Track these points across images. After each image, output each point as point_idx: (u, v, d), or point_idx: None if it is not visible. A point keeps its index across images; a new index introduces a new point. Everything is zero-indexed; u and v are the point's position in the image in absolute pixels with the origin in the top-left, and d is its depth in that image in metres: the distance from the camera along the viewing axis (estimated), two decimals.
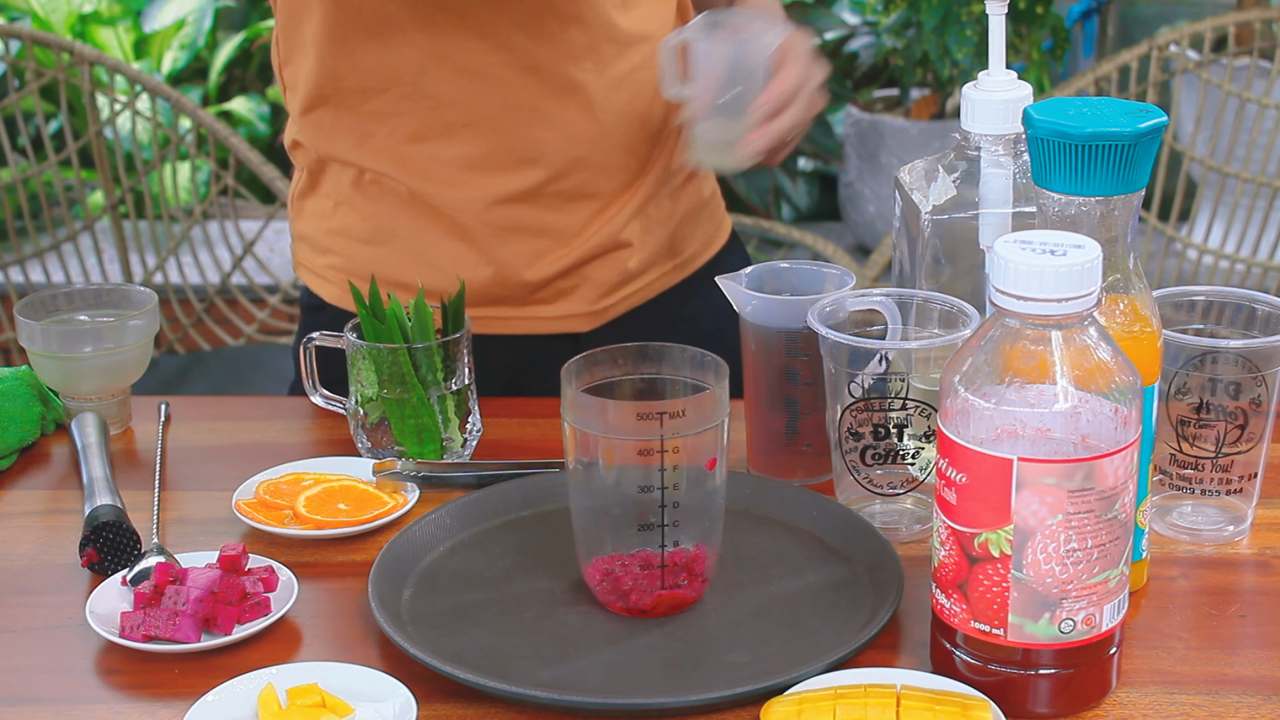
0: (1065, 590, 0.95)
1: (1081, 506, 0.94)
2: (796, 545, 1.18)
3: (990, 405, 0.94)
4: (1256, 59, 2.77)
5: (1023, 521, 0.94)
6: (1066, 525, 0.94)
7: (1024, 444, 0.93)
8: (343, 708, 0.99)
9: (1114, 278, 1.07)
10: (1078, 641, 0.97)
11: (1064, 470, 0.93)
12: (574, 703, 1.00)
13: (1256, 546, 1.18)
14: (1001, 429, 0.94)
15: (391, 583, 1.12)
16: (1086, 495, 0.94)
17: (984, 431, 0.94)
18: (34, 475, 1.35)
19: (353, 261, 1.47)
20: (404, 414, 1.28)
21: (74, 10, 4.08)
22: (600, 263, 1.47)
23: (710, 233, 1.58)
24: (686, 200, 1.53)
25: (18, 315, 1.38)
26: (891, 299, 1.22)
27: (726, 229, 1.61)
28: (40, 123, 2.87)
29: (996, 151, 1.20)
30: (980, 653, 0.98)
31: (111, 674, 1.06)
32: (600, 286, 1.48)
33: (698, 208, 1.55)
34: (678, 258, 1.53)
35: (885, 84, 3.93)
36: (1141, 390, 0.96)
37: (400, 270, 1.45)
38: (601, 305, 1.49)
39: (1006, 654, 0.98)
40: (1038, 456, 0.93)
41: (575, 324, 1.49)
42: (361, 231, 1.46)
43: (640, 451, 1.05)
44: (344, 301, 1.48)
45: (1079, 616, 0.96)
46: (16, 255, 2.94)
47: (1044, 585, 0.95)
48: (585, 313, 1.49)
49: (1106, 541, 0.95)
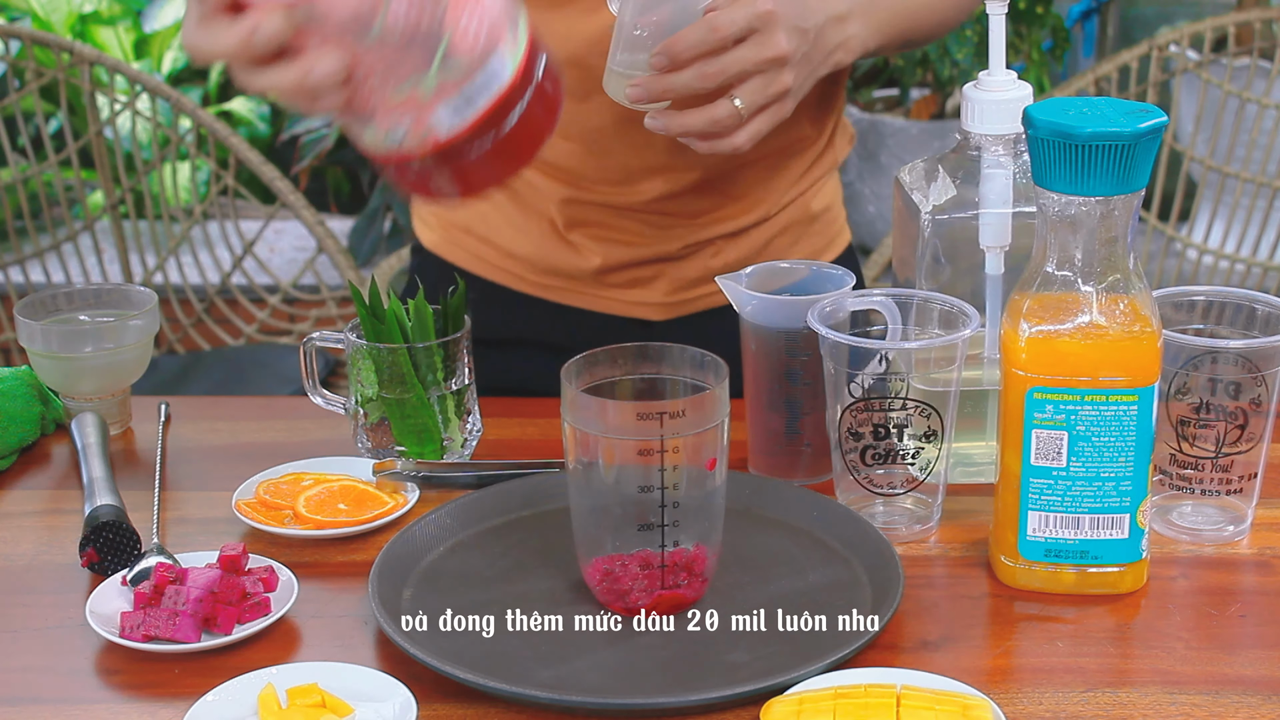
0: (370, 110, 0.89)
1: (330, 42, 0.87)
2: (796, 545, 1.18)
3: None
4: (1256, 59, 2.77)
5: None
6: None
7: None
8: (343, 708, 0.99)
9: (1114, 278, 1.07)
10: (426, 148, 0.89)
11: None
12: (574, 703, 1.00)
13: (1256, 546, 1.18)
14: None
15: (391, 583, 1.12)
16: (332, 33, 0.86)
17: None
18: (34, 475, 1.35)
19: (454, 210, 1.50)
20: (404, 414, 1.28)
21: (74, 10, 4.08)
22: (684, 262, 1.47)
23: (818, 247, 1.52)
24: (791, 213, 1.50)
25: (18, 315, 1.38)
26: (891, 299, 1.22)
27: (841, 243, 1.55)
28: (40, 123, 2.87)
29: (996, 151, 1.20)
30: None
31: (111, 674, 1.06)
32: (679, 282, 1.48)
33: (803, 221, 1.50)
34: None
35: (885, 84, 3.93)
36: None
37: (488, 227, 1.47)
38: (678, 299, 1.48)
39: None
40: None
41: (648, 312, 1.49)
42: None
43: (640, 451, 1.05)
44: (441, 248, 1.51)
45: (402, 130, 0.89)
46: (16, 255, 2.94)
47: (352, 110, 0.90)
48: (659, 303, 1.48)
49: (383, 64, 0.87)
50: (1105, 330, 1.07)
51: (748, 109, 1.21)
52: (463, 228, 1.51)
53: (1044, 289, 1.08)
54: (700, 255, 1.47)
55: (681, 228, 1.45)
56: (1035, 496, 1.10)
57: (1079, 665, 1.05)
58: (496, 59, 0.88)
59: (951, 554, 1.18)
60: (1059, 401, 1.07)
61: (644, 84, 1.20)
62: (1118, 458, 1.08)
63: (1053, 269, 1.08)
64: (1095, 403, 1.07)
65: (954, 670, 1.02)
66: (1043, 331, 1.07)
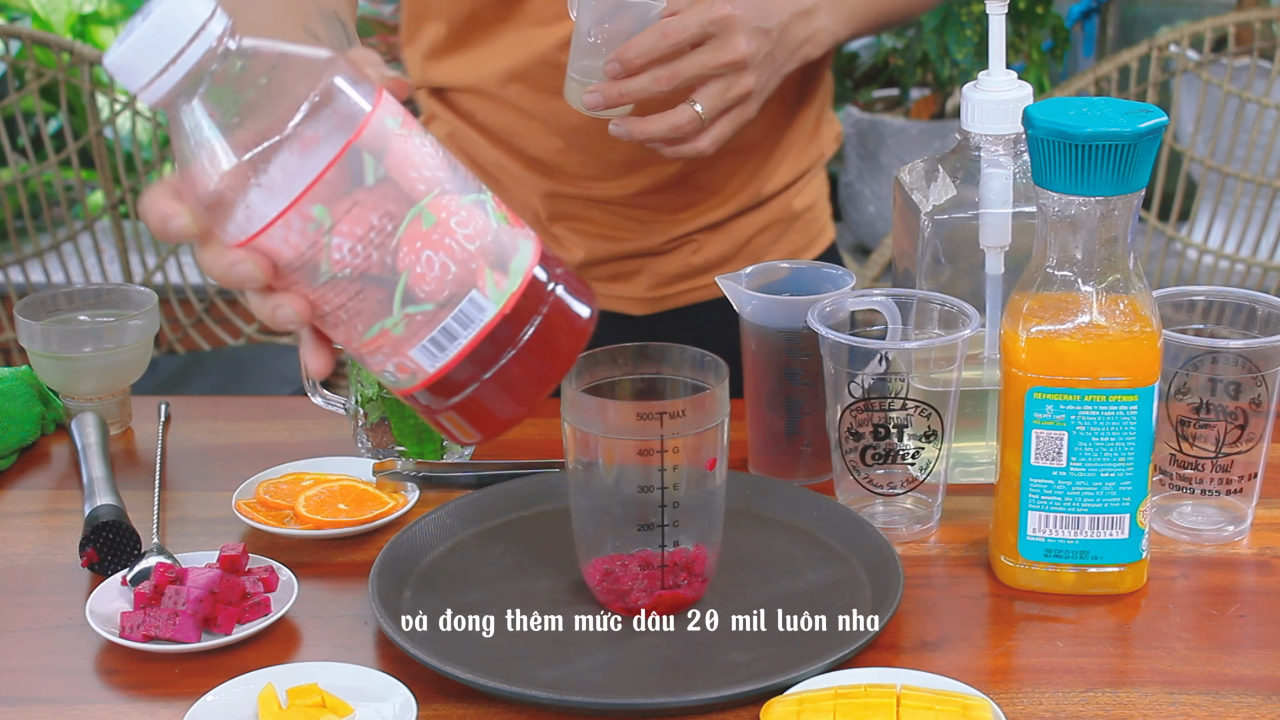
0: (356, 350, 0.88)
1: (289, 283, 0.86)
2: (796, 545, 1.18)
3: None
4: (1256, 59, 2.77)
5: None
6: (314, 309, 0.87)
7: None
8: (343, 708, 0.99)
9: (1114, 278, 1.07)
10: (416, 386, 0.88)
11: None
12: (574, 703, 1.00)
13: (1256, 546, 1.18)
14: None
15: (391, 583, 1.12)
16: (288, 275, 0.86)
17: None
18: (34, 475, 1.35)
19: None
20: (404, 414, 1.28)
21: (74, 10, 4.08)
22: (665, 257, 1.47)
23: (799, 245, 1.54)
24: (773, 211, 1.51)
25: (18, 315, 1.38)
26: (891, 299, 1.22)
27: (824, 242, 1.56)
28: (40, 123, 2.87)
29: (996, 151, 1.20)
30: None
31: (111, 674, 1.06)
32: (660, 277, 1.48)
33: (784, 219, 1.52)
34: (755, 263, 1.51)
35: (885, 84, 3.92)
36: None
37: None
38: (659, 294, 1.49)
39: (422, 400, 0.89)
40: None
41: (629, 306, 1.49)
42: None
43: (640, 451, 1.05)
44: None
45: (391, 368, 0.88)
46: (16, 255, 2.94)
47: (347, 349, 0.89)
48: (641, 298, 1.49)
49: (345, 302, 0.86)
50: (1105, 330, 1.07)
51: (709, 113, 1.23)
52: None
53: (1044, 289, 1.08)
54: (681, 250, 1.48)
55: (663, 222, 1.46)
56: (1035, 496, 1.10)
57: (1079, 665, 1.05)
58: (473, 297, 0.86)
59: (951, 554, 1.18)
60: (1059, 401, 1.07)
61: (600, 90, 1.22)
62: (1118, 458, 1.08)
63: (1053, 269, 1.08)
64: (1095, 403, 1.07)
65: (954, 670, 1.02)
66: (1043, 331, 1.07)
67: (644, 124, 1.23)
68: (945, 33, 3.33)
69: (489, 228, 0.87)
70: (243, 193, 0.84)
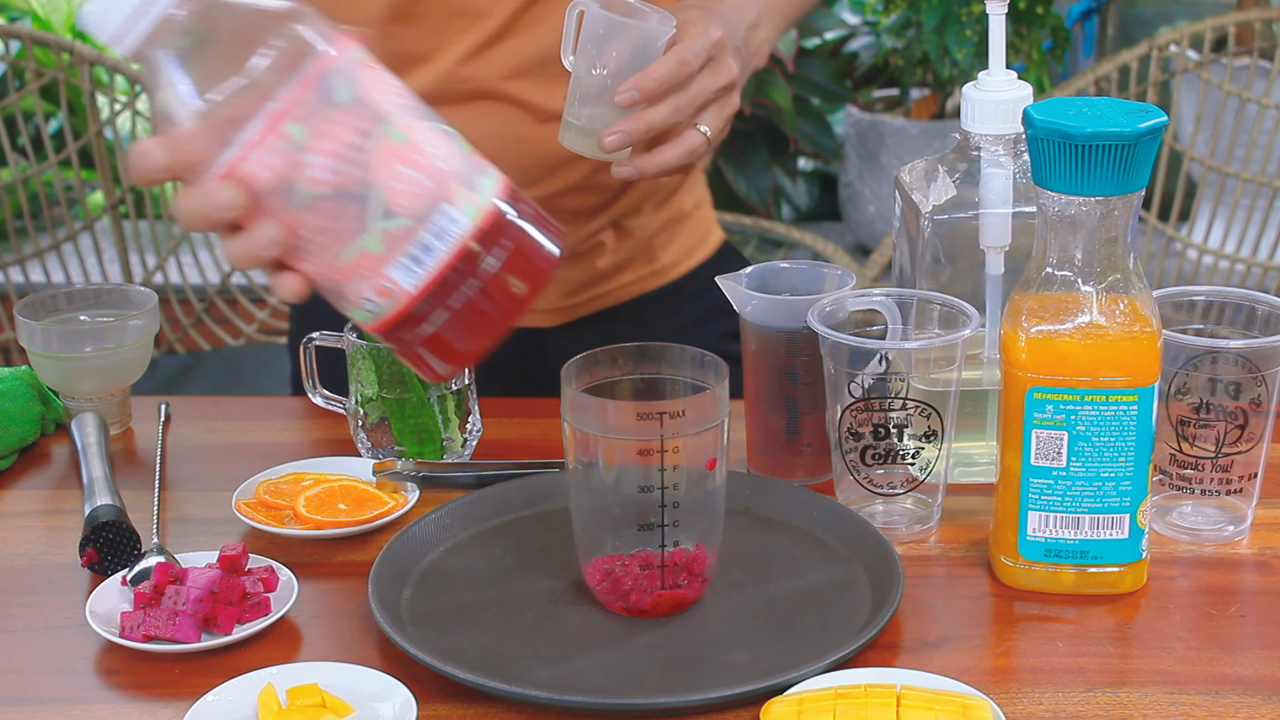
0: (335, 280, 0.90)
1: (268, 210, 0.88)
2: (796, 545, 1.18)
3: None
4: (1256, 59, 2.77)
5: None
6: (292, 236, 0.89)
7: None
8: (343, 708, 0.99)
9: (1114, 278, 1.07)
10: (397, 311, 0.90)
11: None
12: (574, 703, 1.00)
13: (1256, 546, 1.18)
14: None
15: (391, 583, 1.12)
16: (267, 202, 0.88)
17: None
18: (34, 475, 1.35)
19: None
20: (404, 414, 1.28)
21: (74, 10, 4.08)
22: (569, 263, 1.47)
23: (692, 243, 1.56)
24: (668, 211, 1.52)
25: (18, 315, 1.38)
26: (891, 299, 1.22)
27: (714, 240, 1.59)
28: (40, 123, 2.87)
29: (996, 151, 1.20)
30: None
31: (111, 674, 1.06)
32: (568, 285, 1.48)
33: (678, 219, 1.53)
34: (654, 264, 1.52)
35: (885, 84, 3.93)
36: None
37: None
38: (568, 303, 1.49)
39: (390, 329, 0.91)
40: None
41: (540, 319, 1.49)
42: None
43: (640, 451, 1.05)
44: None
45: (371, 293, 0.90)
46: (16, 255, 2.94)
47: (321, 284, 0.90)
48: (550, 309, 1.49)
49: (323, 224, 0.88)
50: (1105, 330, 1.07)
51: (714, 135, 1.23)
52: None
53: (1044, 289, 1.08)
54: (588, 255, 1.48)
55: (571, 225, 1.46)
56: (1035, 496, 1.10)
57: (1079, 665, 1.05)
58: (447, 210, 0.88)
59: (951, 554, 1.18)
60: (1059, 401, 1.07)
61: (623, 129, 1.20)
62: (1118, 458, 1.08)
63: (1053, 269, 1.08)
64: (1095, 403, 1.07)
65: (954, 670, 1.02)
66: (1043, 331, 1.07)
67: (659, 157, 1.22)
68: (945, 33, 3.34)
69: (457, 150, 0.90)
70: (218, 122, 0.86)
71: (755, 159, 3.51)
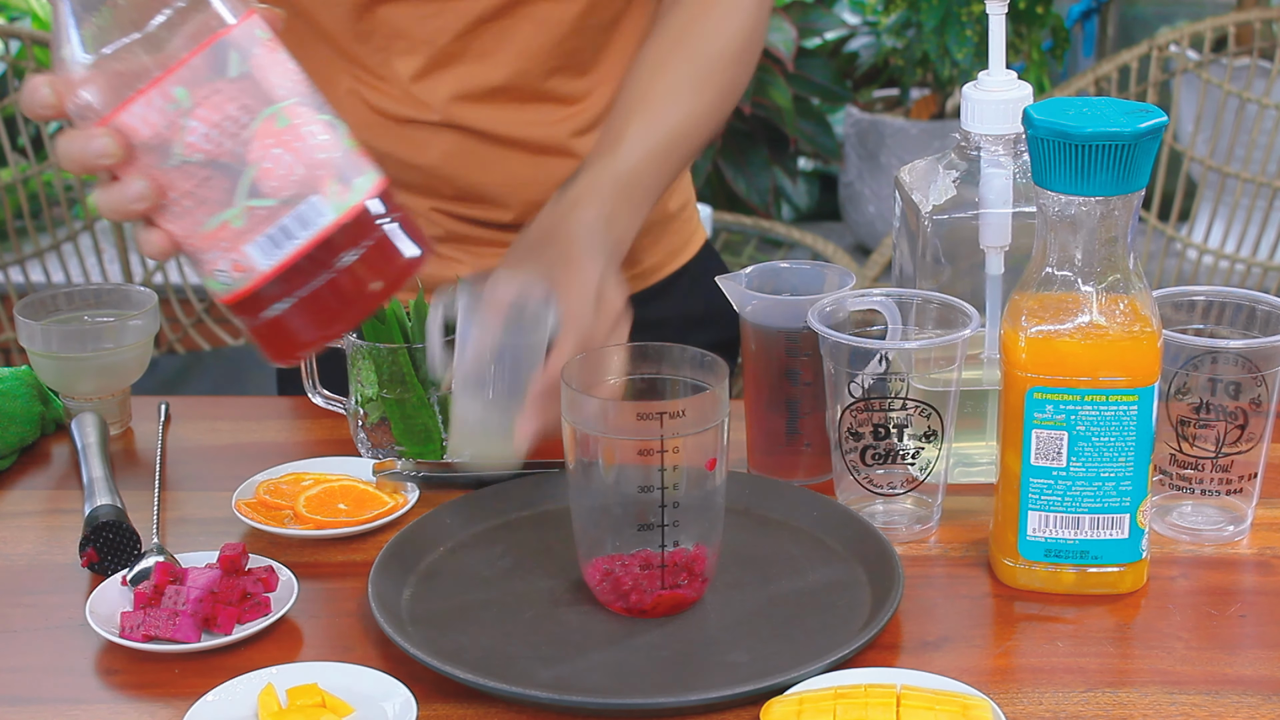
0: (195, 246, 0.91)
1: (142, 165, 0.90)
2: (796, 545, 1.18)
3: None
4: (1256, 59, 2.77)
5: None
6: (160, 194, 0.90)
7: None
8: (343, 708, 0.99)
9: (1114, 278, 1.07)
10: (248, 286, 0.91)
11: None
12: (574, 703, 1.00)
13: (1256, 546, 1.18)
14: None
15: (391, 583, 1.12)
16: (142, 158, 0.89)
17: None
18: (34, 475, 1.35)
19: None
20: (404, 414, 1.28)
21: None
22: None
23: (676, 246, 1.55)
24: (651, 214, 1.50)
25: (18, 315, 1.38)
26: (891, 299, 1.22)
27: (697, 242, 1.58)
28: (40, 123, 2.87)
29: (996, 151, 1.20)
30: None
31: (111, 674, 1.06)
32: None
33: (661, 221, 1.52)
34: (636, 267, 1.51)
35: (885, 84, 3.93)
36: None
37: None
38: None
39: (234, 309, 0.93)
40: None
41: None
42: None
43: (640, 451, 1.05)
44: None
45: (226, 265, 0.91)
46: (16, 255, 2.94)
47: (184, 246, 0.92)
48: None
49: (192, 189, 0.89)
50: (1105, 330, 1.07)
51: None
52: None
53: (1044, 289, 1.08)
54: None
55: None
56: (1035, 496, 1.10)
57: (1079, 665, 1.05)
58: (312, 200, 0.90)
59: (951, 554, 1.18)
60: (1059, 401, 1.07)
61: (531, 432, 1.13)
62: (1118, 458, 1.08)
63: (1053, 269, 1.08)
64: (1095, 403, 1.07)
65: (954, 670, 1.02)
66: (1043, 331, 1.07)
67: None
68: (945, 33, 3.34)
69: (339, 145, 0.91)
70: (108, 72, 0.88)
71: (755, 159, 3.51)
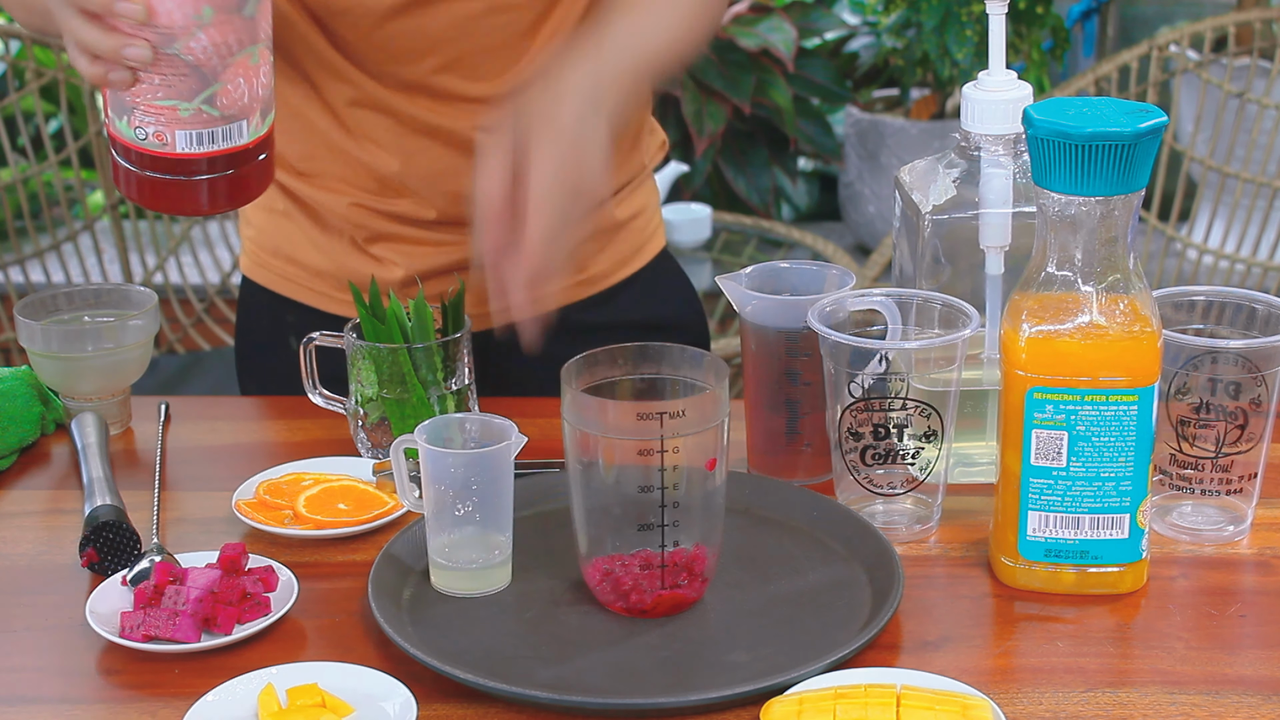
0: (135, 104, 1.10)
1: (144, 36, 1.07)
2: (796, 545, 1.18)
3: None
4: (1256, 59, 2.77)
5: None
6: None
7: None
8: (343, 708, 0.99)
9: (1114, 278, 1.07)
10: (157, 153, 1.11)
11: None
12: (574, 703, 1.00)
13: (1256, 546, 1.18)
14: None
15: (391, 583, 1.12)
16: (148, 33, 1.07)
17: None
18: (34, 475, 1.35)
19: (262, 233, 1.51)
20: (404, 414, 1.28)
21: None
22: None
23: (626, 254, 1.52)
24: (595, 220, 1.49)
25: (18, 315, 1.38)
26: (891, 299, 1.22)
27: (651, 249, 1.54)
28: (40, 123, 2.87)
29: (996, 151, 1.20)
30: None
31: (111, 674, 1.06)
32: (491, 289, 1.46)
33: (610, 229, 1.49)
34: (582, 274, 1.48)
35: (885, 84, 3.93)
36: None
37: (295, 247, 1.48)
38: (495, 308, 1.46)
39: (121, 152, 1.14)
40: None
41: (474, 323, 1.47)
42: (266, 200, 1.48)
43: (640, 451, 1.05)
44: (253, 273, 1.53)
45: (151, 132, 1.10)
46: (16, 255, 2.94)
47: (125, 95, 1.10)
48: (472, 314, 1.47)
49: (168, 75, 1.08)
50: (1105, 330, 1.07)
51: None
52: (270, 250, 1.51)
53: (1044, 289, 1.08)
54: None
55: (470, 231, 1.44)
56: (1035, 496, 1.10)
57: (1079, 665, 1.05)
58: (242, 124, 1.12)
59: (951, 554, 1.18)
60: (1059, 401, 1.07)
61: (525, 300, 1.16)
62: (1118, 458, 1.08)
63: (1053, 269, 1.08)
64: (1095, 403, 1.07)
65: (954, 670, 1.02)
66: (1043, 331, 1.07)
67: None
68: (945, 33, 3.34)
69: (271, 84, 1.15)
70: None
71: (755, 159, 3.51)
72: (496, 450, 1.12)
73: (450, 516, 1.12)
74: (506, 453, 1.12)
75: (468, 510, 1.12)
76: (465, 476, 1.11)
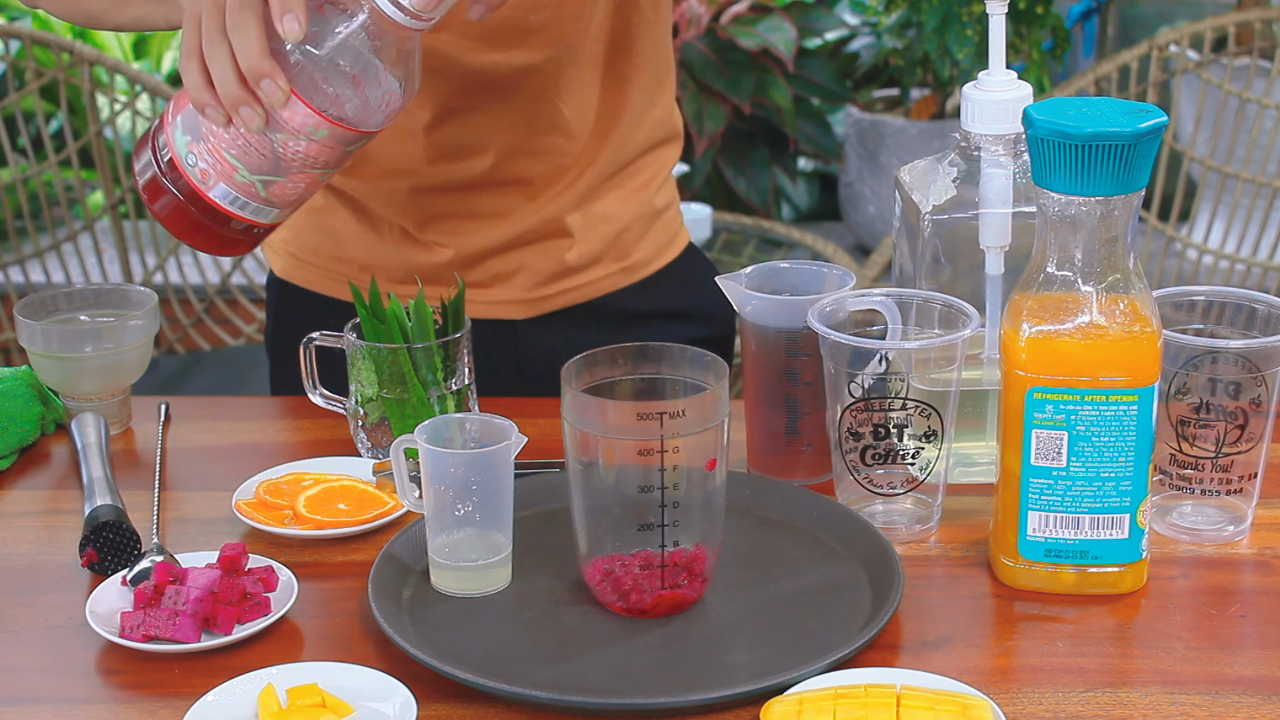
0: (209, 143, 1.14)
1: (271, 115, 1.12)
2: (796, 545, 1.18)
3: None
4: (1256, 59, 2.77)
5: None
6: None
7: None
8: (343, 708, 0.99)
9: (1114, 278, 1.07)
10: (192, 181, 1.16)
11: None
12: (574, 703, 1.00)
13: (1256, 546, 1.18)
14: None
15: (391, 583, 1.12)
16: (272, 116, 1.12)
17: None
18: (34, 475, 1.35)
19: (299, 234, 1.51)
20: (404, 414, 1.28)
21: None
22: (537, 249, 1.47)
23: (662, 242, 1.55)
24: (636, 205, 1.51)
25: (18, 315, 1.38)
26: (891, 299, 1.22)
27: (682, 242, 1.58)
28: (40, 123, 2.87)
29: (996, 151, 1.20)
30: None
31: (111, 674, 1.06)
32: (537, 275, 1.48)
33: (648, 215, 1.52)
34: (624, 260, 1.51)
35: (885, 84, 3.93)
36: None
37: (341, 244, 1.48)
38: (539, 294, 1.48)
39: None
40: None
41: (510, 310, 1.49)
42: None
43: (640, 451, 1.05)
44: (290, 275, 1.53)
45: (205, 165, 1.15)
46: (16, 255, 2.94)
47: (206, 131, 1.15)
48: (521, 300, 1.48)
49: (251, 143, 1.13)
50: (1105, 330, 1.07)
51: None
52: (311, 249, 1.51)
53: (1044, 289, 1.08)
54: (555, 243, 1.47)
55: (526, 198, 1.45)
56: (1035, 496, 1.10)
57: (1079, 665, 1.05)
58: (274, 211, 1.18)
59: (951, 554, 1.18)
60: (1059, 401, 1.07)
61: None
62: (1118, 458, 1.08)
63: (1053, 269, 1.08)
64: (1095, 403, 1.07)
65: (954, 670, 1.02)
66: (1043, 331, 1.07)
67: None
68: (945, 33, 3.34)
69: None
70: (325, 65, 1.12)
71: (755, 159, 3.51)
72: (496, 450, 1.12)
73: (450, 516, 1.12)
74: (506, 453, 1.12)
75: (468, 510, 1.12)
76: (465, 476, 1.11)
